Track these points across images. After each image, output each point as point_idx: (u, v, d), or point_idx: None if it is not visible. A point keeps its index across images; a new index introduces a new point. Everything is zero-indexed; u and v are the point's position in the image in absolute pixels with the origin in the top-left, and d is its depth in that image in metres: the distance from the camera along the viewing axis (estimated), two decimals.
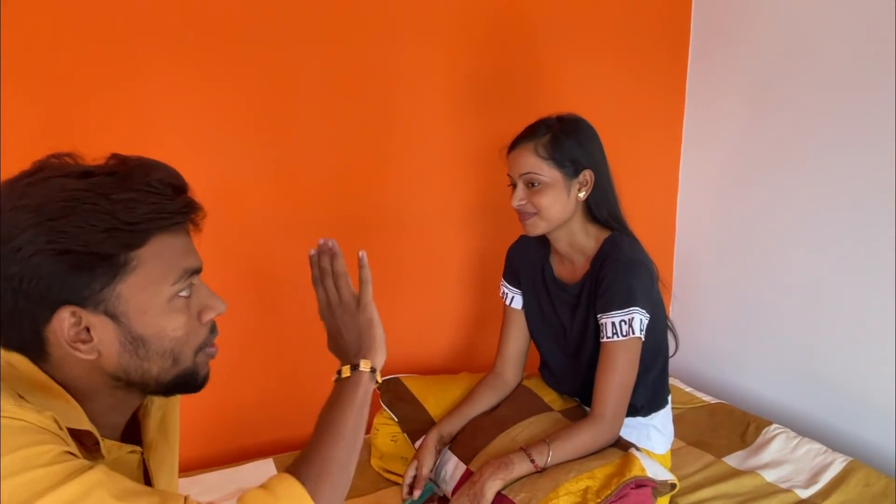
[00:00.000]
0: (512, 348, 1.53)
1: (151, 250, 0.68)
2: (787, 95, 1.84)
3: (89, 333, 0.67)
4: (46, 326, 0.66)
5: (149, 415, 0.80)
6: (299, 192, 1.68)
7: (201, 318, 0.74)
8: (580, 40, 1.95)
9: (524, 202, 1.32)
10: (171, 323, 0.70)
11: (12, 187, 0.65)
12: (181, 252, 0.71)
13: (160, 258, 0.69)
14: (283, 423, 1.79)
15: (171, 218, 0.68)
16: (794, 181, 1.84)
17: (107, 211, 0.64)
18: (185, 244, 0.72)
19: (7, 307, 0.65)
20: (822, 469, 1.52)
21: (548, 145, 1.29)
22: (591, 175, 1.32)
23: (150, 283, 0.68)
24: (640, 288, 1.28)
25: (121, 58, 1.43)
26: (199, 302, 0.74)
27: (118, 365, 0.69)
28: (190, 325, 0.72)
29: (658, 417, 1.45)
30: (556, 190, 1.30)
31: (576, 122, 1.34)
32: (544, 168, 1.29)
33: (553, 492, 1.15)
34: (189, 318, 0.72)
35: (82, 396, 0.71)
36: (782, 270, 1.91)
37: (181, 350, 0.72)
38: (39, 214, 0.63)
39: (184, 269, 0.71)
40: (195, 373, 0.74)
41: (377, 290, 1.86)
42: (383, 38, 1.69)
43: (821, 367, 1.82)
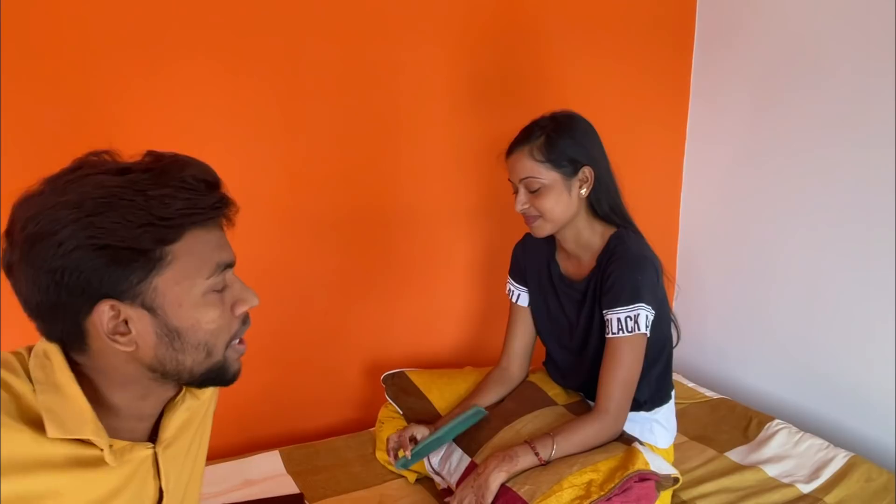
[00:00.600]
0: (518, 345, 1.54)
1: (186, 245, 0.69)
2: (790, 92, 1.84)
3: (127, 326, 0.69)
4: (87, 319, 0.68)
5: (174, 413, 0.81)
6: (307, 187, 1.69)
7: (234, 311, 0.75)
8: (585, 37, 1.96)
9: (527, 206, 1.32)
10: (205, 316, 0.72)
11: (54, 184, 0.67)
12: (214, 246, 0.73)
13: (194, 253, 0.70)
14: (290, 416, 1.81)
15: (204, 213, 0.70)
16: (798, 177, 1.85)
17: (142, 207, 0.66)
18: (218, 239, 0.74)
19: (50, 300, 0.67)
20: (824, 464, 1.53)
21: (543, 148, 1.29)
22: (591, 171, 1.31)
23: (185, 277, 0.70)
24: (645, 284, 1.28)
25: (149, 56, 1.45)
26: (233, 295, 0.75)
27: (154, 356, 0.71)
28: (223, 318, 0.74)
29: (661, 412, 1.46)
30: (556, 191, 1.30)
31: (570, 120, 1.33)
32: (542, 171, 1.29)
33: (557, 484, 1.16)
34: (223, 312, 0.74)
35: (119, 386, 0.73)
36: (785, 266, 1.91)
37: (214, 342, 0.74)
38: (79, 210, 0.64)
39: (217, 263, 0.72)
40: (226, 367, 0.76)
41: (384, 286, 1.89)
42: (390, 37, 1.70)
43: (823, 363, 1.83)
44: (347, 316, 1.83)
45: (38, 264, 0.65)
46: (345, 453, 1.63)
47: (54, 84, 1.39)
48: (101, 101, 1.44)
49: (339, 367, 1.87)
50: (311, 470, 1.55)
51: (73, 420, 0.69)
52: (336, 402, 1.88)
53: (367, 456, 1.62)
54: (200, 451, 0.93)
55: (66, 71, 1.40)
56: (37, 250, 0.65)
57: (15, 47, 1.35)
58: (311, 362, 1.81)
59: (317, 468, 1.55)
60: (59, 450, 0.69)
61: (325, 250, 1.75)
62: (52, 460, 0.68)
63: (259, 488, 1.46)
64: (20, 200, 0.68)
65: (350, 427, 1.85)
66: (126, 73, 1.45)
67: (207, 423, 0.94)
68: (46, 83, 1.39)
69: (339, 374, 1.87)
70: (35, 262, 0.65)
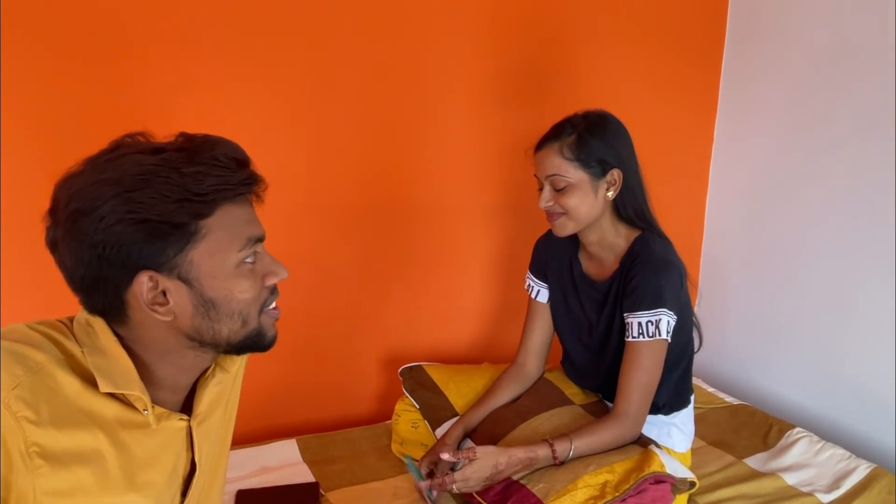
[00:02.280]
0: (535, 341, 1.54)
1: (218, 220, 0.73)
2: (823, 98, 1.81)
3: (165, 297, 0.73)
4: (127, 290, 0.72)
5: (206, 387, 0.84)
6: (330, 179, 1.70)
7: (265, 283, 0.79)
8: (612, 35, 1.94)
9: (551, 203, 1.31)
10: (237, 286, 0.75)
11: (94, 163, 0.71)
12: (245, 221, 0.76)
13: (226, 227, 0.74)
14: (306, 406, 1.83)
15: (235, 189, 0.73)
16: (824, 185, 1.82)
17: (177, 183, 0.69)
18: (248, 214, 0.77)
19: (92, 273, 0.70)
20: (845, 475, 1.50)
21: (573, 146, 1.27)
22: (620, 174, 1.30)
23: (218, 249, 0.73)
24: (668, 289, 1.27)
25: (182, 48, 1.49)
26: (263, 268, 0.79)
27: (192, 326, 0.75)
28: (254, 289, 0.77)
29: (680, 416, 1.44)
30: (582, 191, 1.28)
31: (602, 120, 1.31)
32: (570, 170, 1.27)
33: (571, 484, 1.16)
34: (254, 283, 0.77)
35: (158, 356, 0.76)
36: (809, 273, 1.88)
37: (248, 312, 0.77)
38: (119, 186, 0.68)
39: (248, 237, 0.76)
40: (262, 333, 0.80)
41: (404, 279, 1.90)
42: (417, 32, 1.70)
43: (846, 371, 1.80)
44: (367, 308, 1.84)
45: (82, 238, 0.68)
46: (360, 444, 1.64)
47: (89, 69, 1.42)
48: (134, 88, 1.47)
49: (357, 359, 1.88)
50: (326, 459, 1.56)
51: (122, 377, 0.73)
52: (353, 393, 1.89)
53: (383, 448, 1.63)
54: (228, 432, 0.96)
55: (100, 56, 1.43)
56: (79, 225, 0.68)
57: (49, 33, 1.38)
58: (329, 353, 1.82)
59: (332, 458, 1.57)
60: (107, 408, 0.73)
61: (347, 242, 1.76)
62: (101, 417, 0.72)
63: (276, 475, 1.48)
64: (62, 179, 0.71)
65: (366, 419, 1.86)
66: (158, 63, 1.47)
67: (234, 404, 0.97)
68: (81, 69, 1.42)
69: (356, 366, 1.88)
70: (78, 236, 0.69)
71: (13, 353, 0.68)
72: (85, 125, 1.43)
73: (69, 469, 0.69)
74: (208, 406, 0.85)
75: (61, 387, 0.69)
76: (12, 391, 0.65)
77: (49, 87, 1.40)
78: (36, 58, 1.37)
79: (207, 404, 0.85)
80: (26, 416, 0.65)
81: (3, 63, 1.35)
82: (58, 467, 0.68)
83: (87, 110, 1.44)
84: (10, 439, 0.64)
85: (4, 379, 0.65)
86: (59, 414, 0.68)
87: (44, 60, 1.38)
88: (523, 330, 1.56)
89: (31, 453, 0.65)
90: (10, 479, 0.64)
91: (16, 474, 0.65)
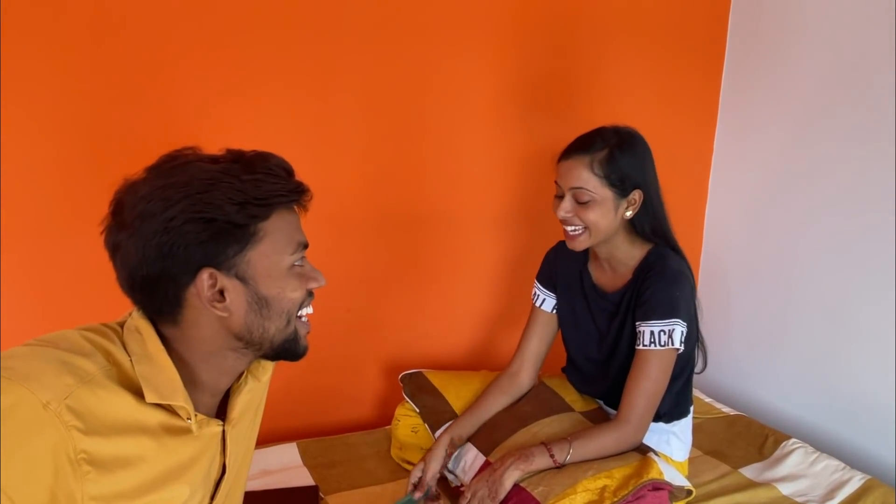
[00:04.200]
0: (533, 349, 1.53)
1: (274, 223, 0.79)
2: (824, 105, 1.83)
3: (223, 295, 0.77)
4: (187, 288, 0.76)
5: (239, 394, 0.88)
6: (338, 186, 1.72)
7: (306, 287, 0.84)
8: (614, 42, 1.96)
9: (570, 214, 1.29)
10: (289, 286, 0.81)
11: (157, 171, 0.77)
12: (295, 227, 0.83)
13: (281, 230, 0.80)
14: (307, 411, 1.84)
15: (289, 196, 0.80)
16: (825, 198, 1.84)
17: (239, 189, 0.75)
18: (297, 221, 0.84)
19: (155, 271, 0.75)
20: (840, 485, 1.52)
21: (604, 162, 1.25)
22: (641, 195, 1.29)
23: (274, 251, 0.79)
24: (682, 301, 1.28)
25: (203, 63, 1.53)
26: (305, 274, 0.85)
27: (244, 323, 0.80)
28: (301, 291, 0.83)
29: (679, 425, 1.46)
30: (604, 208, 1.27)
31: (632, 139, 1.30)
32: (597, 185, 1.26)
33: (571, 488, 1.17)
34: (301, 285, 0.83)
35: (202, 357, 0.80)
36: (808, 285, 1.90)
37: (293, 312, 0.83)
38: (189, 188, 0.74)
39: (298, 241, 0.82)
40: (297, 339, 0.86)
41: (408, 285, 1.91)
42: (428, 41, 1.73)
43: (843, 384, 1.82)
44: (369, 314, 1.86)
45: (149, 238, 0.73)
46: (360, 449, 1.65)
47: (97, 75, 1.45)
48: (138, 97, 1.49)
49: (358, 365, 1.89)
50: (326, 463, 1.57)
51: (167, 387, 0.76)
52: (353, 398, 1.90)
53: (383, 452, 1.64)
54: (253, 438, 1.00)
55: (111, 62, 1.46)
56: (147, 225, 0.73)
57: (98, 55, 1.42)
58: (330, 358, 1.83)
59: (332, 462, 1.58)
60: (152, 417, 0.76)
61: (351, 247, 1.78)
62: (146, 425, 0.75)
63: (276, 478, 1.49)
64: (126, 186, 0.77)
65: (366, 424, 1.87)
66: (166, 73, 1.50)
67: (260, 413, 1.01)
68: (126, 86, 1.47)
69: (357, 371, 1.89)
70: (146, 236, 0.73)
71: (65, 363, 0.71)
72: (93, 129, 1.46)
73: (115, 474, 0.72)
74: (240, 412, 0.89)
75: (110, 396, 0.72)
76: (64, 401, 0.68)
77: (55, 90, 1.42)
78: (52, 61, 1.40)
79: (240, 410, 0.88)
80: (76, 425, 0.68)
81: (16, 66, 1.37)
82: (104, 473, 0.71)
83: (97, 115, 1.46)
84: (60, 447, 0.67)
85: (57, 389, 0.68)
86: (106, 423, 0.71)
87: (55, 63, 1.40)
88: (522, 337, 1.56)
89: (79, 460, 0.68)
90: (55, 487, 0.67)
91: (64, 480, 0.67)
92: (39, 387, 0.67)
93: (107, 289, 0.83)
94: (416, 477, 1.40)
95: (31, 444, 0.66)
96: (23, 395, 0.66)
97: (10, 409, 0.65)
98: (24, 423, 0.66)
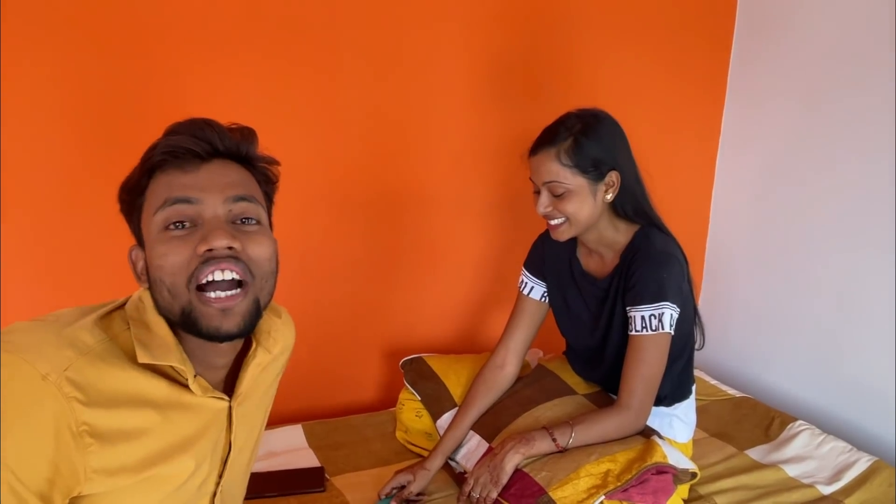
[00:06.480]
0: (518, 339, 1.50)
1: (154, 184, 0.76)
2: (830, 96, 1.80)
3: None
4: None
5: (247, 368, 0.84)
6: (336, 173, 1.71)
7: (196, 251, 0.72)
8: (616, 25, 1.93)
9: (550, 209, 1.28)
10: (154, 252, 0.74)
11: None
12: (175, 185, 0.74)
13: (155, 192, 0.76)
14: (312, 392, 1.84)
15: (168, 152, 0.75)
16: (831, 180, 1.82)
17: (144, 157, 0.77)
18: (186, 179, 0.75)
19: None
20: (846, 467, 1.51)
21: (570, 151, 1.23)
22: (618, 176, 1.27)
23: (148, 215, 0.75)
24: (670, 282, 1.26)
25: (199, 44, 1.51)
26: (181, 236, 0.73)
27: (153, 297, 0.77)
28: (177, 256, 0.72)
29: (681, 407, 1.45)
30: (581, 196, 1.26)
31: (597, 121, 1.27)
32: (568, 176, 1.24)
33: (574, 472, 1.17)
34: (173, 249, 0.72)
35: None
36: (814, 268, 1.88)
37: (173, 282, 0.72)
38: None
39: (166, 197, 0.74)
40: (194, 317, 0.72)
41: (409, 270, 1.90)
42: (419, 27, 1.70)
43: (849, 366, 1.81)
44: (370, 298, 1.85)
45: None
46: (364, 431, 1.66)
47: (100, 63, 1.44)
48: (157, 82, 1.48)
49: (361, 348, 1.89)
50: (331, 445, 1.58)
51: (160, 349, 0.74)
52: (357, 381, 1.91)
53: (387, 434, 1.65)
54: (259, 421, 0.96)
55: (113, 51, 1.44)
56: None
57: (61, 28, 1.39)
58: (334, 341, 1.84)
59: (337, 444, 1.59)
60: (156, 389, 0.74)
61: (352, 233, 1.77)
62: (150, 398, 0.73)
63: (282, 459, 1.50)
64: None
65: (370, 406, 1.88)
66: (179, 58, 1.49)
67: (269, 397, 0.98)
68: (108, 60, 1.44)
69: (361, 355, 1.90)
70: None
71: (64, 336, 0.70)
72: (89, 117, 1.45)
73: (117, 446, 0.70)
74: (248, 388, 0.85)
75: (110, 369, 0.70)
76: (63, 373, 0.66)
77: (57, 82, 1.41)
78: (55, 51, 1.39)
79: (248, 385, 0.85)
80: (76, 396, 0.66)
81: (22, 59, 1.36)
82: (107, 445, 0.69)
83: (98, 97, 1.45)
84: (61, 419, 0.66)
85: (56, 360, 0.67)
86: (107, 395, 0.70)
87: (58, 53, 1.39)
88: (507, 326, 1.51)
89: (81, 432, 0.67)
90: (57, 459, 0.66)
91: (66, 452, 0.66)
92: (39, 358, 0.66)
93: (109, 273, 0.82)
94: (398, 484, 1.36)
95: (31, 416, 0.64)
96: (21, 367, 0.65)
97: (9, 380, 0.65)
98: (23, 395, 0.65)
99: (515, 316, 1.51)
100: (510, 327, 1.51)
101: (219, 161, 0.77)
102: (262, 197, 0.82)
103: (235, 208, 0.75)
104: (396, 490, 1.36)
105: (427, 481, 1.37)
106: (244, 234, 0.75)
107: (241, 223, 0.76)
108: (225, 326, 0.73)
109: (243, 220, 0.76)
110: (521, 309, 1.51)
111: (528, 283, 1.51)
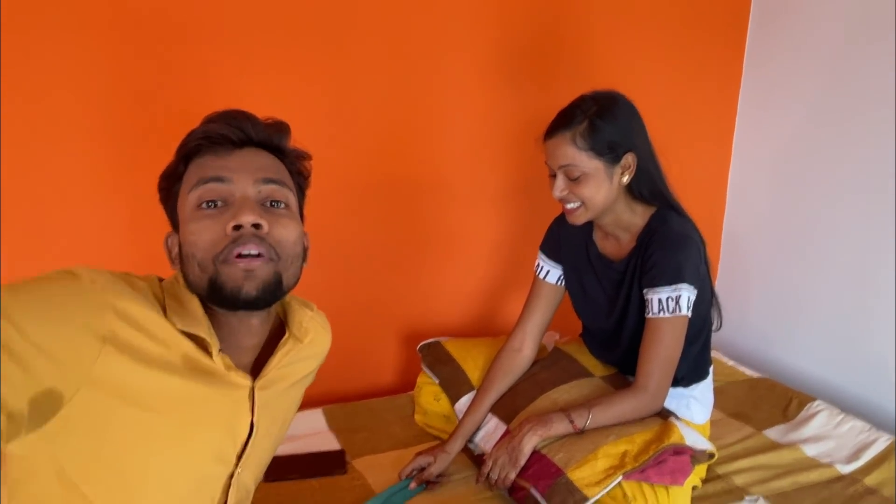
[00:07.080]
0: (535, 323, 1.50)
1: (191, 169, 0.81)
2: (850, 72, 1.77)
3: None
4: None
5: (276, 356, 0.85)
6: (356, 160, 1.72)
7: (226, 230, 0.75)
8: (630, 7, 1.91)
9: (566, 192, 1.28)
10: (188, 229, 0.78)
11: None
12: (209, 166, 0.79)
13: (192, 173, 0.81)
14: (332, 376, 1.85)
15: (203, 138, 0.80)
16: (850, 160, 1.80)
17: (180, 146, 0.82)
18: (220, 162, 0.80)
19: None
20: (865, 446, 1.51)
21: (585, 134, 1.22)
22: (634, 158, 1.26)
23: (184, 195, 0.80)
24: (688, 264, 1.26)
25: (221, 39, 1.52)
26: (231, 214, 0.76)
27: (183, 274, 0.81)
28: (209, 233, 0.76)
29: (699, 388, 1.45)
30: (597, 179, 1.25)
31: (612, 102, 1.26)
32: (584, 159, 1.23)
33: (591, 454, 1.18)
34: (206, 226, 0.76)
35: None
36: (832, 248, 1.87)
37: (203, 257, 0.76)
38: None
39: (200, 177, 0.79)
40: (221, 284, 0.75)
41: (423, 257, 1.91)
42: (432, 11, 1.70)
43: (867, 345, 1.80)
44: (388, 283, 1.87)
45: None
46: (384, 414, 1.68)
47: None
48: (169, 75, 1.49)
49: (380, 333, 1.91)
50: (351, 428, 1.61)
51: (190, 319, 0.77)
52: (376, 366, 1.93)
53: (407, 418, 1.67)
54: (283, 413, 0.94)
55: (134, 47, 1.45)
56: None
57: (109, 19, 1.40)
58: (353, 325, 1.86)
59: (357, 427, 1.61)
60: (183, 343, 0.76)
61: (369, 220, 1.79)
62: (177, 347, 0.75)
63: (303, 443, 1.53)
64: None
65: (389, 390, 1.90)
66: (204, 51, 1.50)
67: (295, 393, 0.97)
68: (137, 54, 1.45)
69: (379, 339, 1.91)
70: None
71: (122, 276, 0.76)
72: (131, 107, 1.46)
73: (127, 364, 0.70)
74: (275, 374, 0.86)
75: (152, 310, 0.74)
76: (113, 287, 0.71)
77: (59, 82, 1.42)
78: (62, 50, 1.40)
79: (274, 371, 0.86)
80: (115, 307, 0.70)
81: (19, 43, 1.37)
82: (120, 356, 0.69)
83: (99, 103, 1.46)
84: (93, 317, 0.68)
85: (109, 282, 0.72)
86: (141, 322, 0.72)
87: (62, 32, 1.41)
88: (524, 310, 1.52)
89: (104, 337, 0.68)
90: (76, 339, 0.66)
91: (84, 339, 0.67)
92: (92, 274, 0.71)
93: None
94: (419, 465, 1.38)
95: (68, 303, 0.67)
96: (77, 272, 0.70)
97: (60, 277, 0.69)
98: (69, 287, 0.68)
99: (532, 299, 1.52)
100: (526, 311, 1.52)
101: (252, 148, 0.82)
102: (293, 185, 0.86)
103: (265, 190, 0.79)
104: (417, 471, 1.38)
105: (447, 464, 1.39)
106: (271, 215, 0.78)
107: (271, 206, 0.80)
108: (245, 288, 0.75)
109: (273, 202, 0.80)
110: (538, 293, 1.51)
111: (544, 267, 1.51)
